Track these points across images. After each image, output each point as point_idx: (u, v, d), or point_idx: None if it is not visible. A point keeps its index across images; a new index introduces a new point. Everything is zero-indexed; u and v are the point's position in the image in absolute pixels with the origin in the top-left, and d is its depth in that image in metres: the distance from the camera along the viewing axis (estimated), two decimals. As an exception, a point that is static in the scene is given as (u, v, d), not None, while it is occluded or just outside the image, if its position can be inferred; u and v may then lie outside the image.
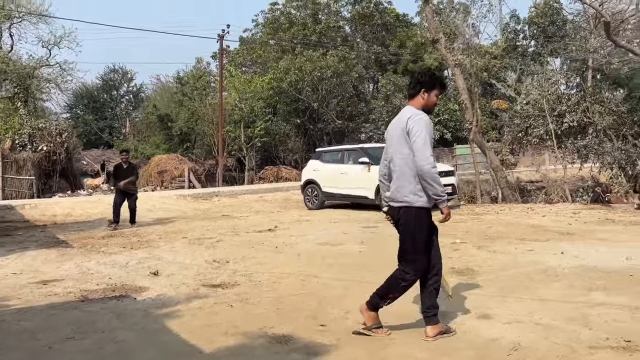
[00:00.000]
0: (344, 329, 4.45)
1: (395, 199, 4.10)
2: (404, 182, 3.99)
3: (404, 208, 4.04)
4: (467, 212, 12.80)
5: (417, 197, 3.97)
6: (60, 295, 6.11)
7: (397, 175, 4.05)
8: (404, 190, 4.00)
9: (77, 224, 13.45)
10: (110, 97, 48.25)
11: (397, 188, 4.06)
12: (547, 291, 5.33)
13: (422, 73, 4.19)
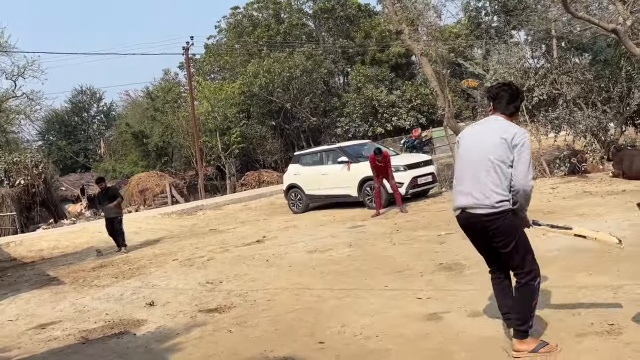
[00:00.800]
0: (343, 344, 4.59)
1: (484, 204, 3.71)
2: (486, 190, 3.69)
3: (491, 215, 3.69)
4: (449, 199, 13.00)
5: (508, 203, 3.71)
6: (60, 339, 6.16)
7: (481, 181, 3.71)
8: (497, 196, 3.67)
9: (65, 257, 13.40)
10: (82, 119, 47.70)
11: (480, 196, 3.71)
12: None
13: (522, 92, 3.98)
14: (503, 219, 3.67)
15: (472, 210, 3.74)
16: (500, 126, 3.75)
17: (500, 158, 3.65)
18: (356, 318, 5.21)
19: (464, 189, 3.82)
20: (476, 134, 3.90)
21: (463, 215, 3.85)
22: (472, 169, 3.78)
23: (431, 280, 6.15)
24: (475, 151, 3.79)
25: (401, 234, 9.36)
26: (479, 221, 3.74)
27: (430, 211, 11.47)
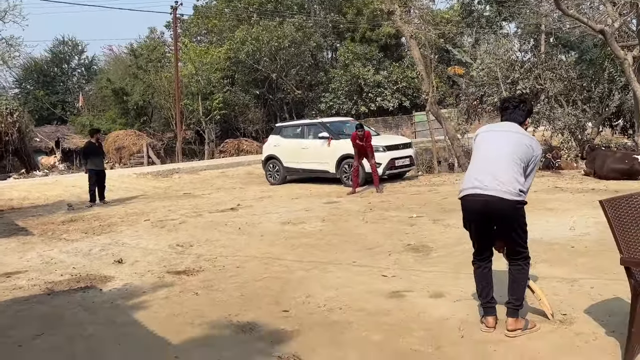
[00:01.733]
0: (306, 313, 4.69)
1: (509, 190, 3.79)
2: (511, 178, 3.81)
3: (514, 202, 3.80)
4: (424, 183, 13.19)
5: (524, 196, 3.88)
6: (25, 288, 6.16)
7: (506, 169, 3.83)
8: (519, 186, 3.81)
9: (35, 209, 13.27)
10: (62, 71, 46.45)
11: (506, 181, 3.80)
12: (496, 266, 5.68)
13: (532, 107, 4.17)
14: (521, 208, 3.86)
15: (496, 193, 3.78)
16: (525, 133, 4.01)
17: (523, 158, 3.88)
18: (322, 290, 5.32)
19: (489, 172, 3.87)
20: (502, 130, 4.07)
21: (480, 198, 3.87)
22: (498, 157, 3.90)
23: (398, 259, 6.28)
24: (502, 144, 3.95)
25: (374, 213, 9.49)
26: (499, 206, 3.80)
27: (405, 193, 11.62)
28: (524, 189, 3.86)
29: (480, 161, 4.02)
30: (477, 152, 4.11)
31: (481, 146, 4.09)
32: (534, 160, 3.94)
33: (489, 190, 3.82)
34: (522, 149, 3.91)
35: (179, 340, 4.28)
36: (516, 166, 3.86)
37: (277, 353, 3.89)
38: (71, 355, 4.16)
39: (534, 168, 3.97)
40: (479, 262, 4.15)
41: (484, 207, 3.88)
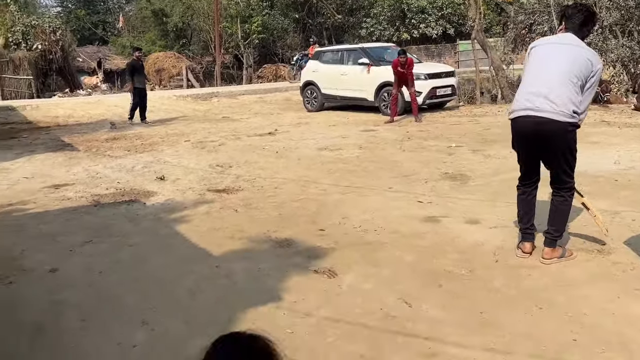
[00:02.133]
0: (342, 233, 4.79)
1: (562, 111, 3.63)
2: (565, 98, 3.64)
3: (567, 124, 3.65)
4: (465, 114, 12.92)
5: (578, 117, 3.70)
6: (73, 199, 6.44)
7: (560, 89, 3.65)
8: (573, 107, 3.64)
9: (79, 126, 13.61)
10: (102, -11, 46.19)
11: (560, 102, 3.63)
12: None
13: (596, 17, 3.87)
14: (573, 131, 3.71)
15: (548, 115, 3.64)
16: (584, 47, 3.75)
17: (581, 75, 3.65)
18: (357, 213, 5.40)
19: (541, 92, 3.69)
20: (559, 45, 3.81)
21: (530, 120, 3.72)
22: (551, 76, 3.70)
23: (434, 186, 6.28)
24: (558, 60, 3.73)
25: (412, 141, 9.41)
26: (551, 128, 3.65)
27: (444, 123, 11.43)
28: (578, 111, 3.67)
29: (533, 79, 3.81)
30: (530, 68, 3.89)
31: (535, 61, 3.86)
32: (594, 76, 3.67)
33: (541, 112, 3.67)
34: (580, 65, 3.64)
35: (220, 252, 4.46)
36: (572, 85, 3.64)
37: (313, 267, 4.02)
38: (118, 261, 4.39)
39: (593, 86, 3.71)
40: (524, 187, 4.06)
41: (535, 129, 3.73)
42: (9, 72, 21.16)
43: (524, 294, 3.45)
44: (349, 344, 2.96)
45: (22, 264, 4.39)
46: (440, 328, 3.08)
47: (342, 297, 3.54)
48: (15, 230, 5.28)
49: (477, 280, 3.69)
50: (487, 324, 3.11)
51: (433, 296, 3.48)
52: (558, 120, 3.64)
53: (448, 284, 3.65)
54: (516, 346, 2.87)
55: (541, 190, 4.19)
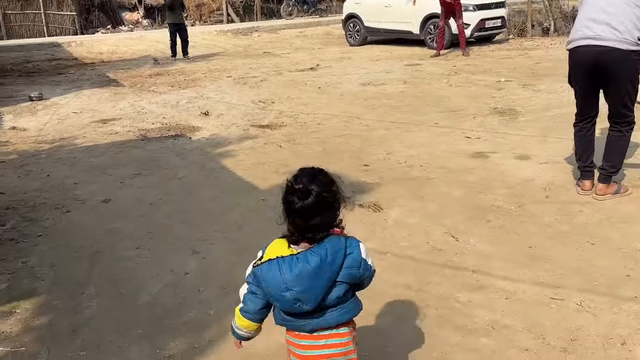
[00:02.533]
0: (386, 169, 4.76)
1: (624, 39, 3.44)
2: (629, 25, 3.44)
3: (630, 52, 3.46)
4: (515, 47, 12.38)
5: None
6: (121, 134, 6.57)
7: (623, 14, 3.46)
8: (638, 33, 3.43)
9: (123, 62, 13.72)
10: None
11: (623, 29, 3.44)
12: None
13: None
14: (637, 60, 3.51)
15: (609, 43, 3.44)
16: None
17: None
18: (402, 149, 5.33)
19: (602, 18, 3.49)
20: None
21: (591, 49, 3.54)
22: (611, 3, 3.49)
23: (483, 122, 6.11)
24: None
25: (459, 76, 9.11)
26: (613, 57, 3.47)
27: (493, 57, 10.99)
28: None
29: (593, 5, 3.58)
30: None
31: None
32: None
33: (603, 40, 3.47)
34: None
35: (265, 186, 4.50)
36: (637, 9, 3.42)
37: (358, 201, 4.03)
38: (167, 193, 4.50)
39: None
40: (582, 123, 3.89)
41: (595, 59, 3.53)
42: (52, 8, 21.31)
43: (576, 230, 3.38)
44: (396, 276, 2.98)
45: (76, 195, 4.55)
46: (488, 262, 3.07)
47: (388, 230, 3.55)
48: (68, 164, 5.45)
49: (527, 215, 3.62)
50: (537, 258, 3.07)
51: (481, 231, 3.45)
52: (621, 48, 3.43)
53: (496, 219, 3.60)
54: (566, 280, 2.83)
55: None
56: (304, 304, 1.65)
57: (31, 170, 5.27)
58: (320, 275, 1.64)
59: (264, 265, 1.70)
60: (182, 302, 2.85)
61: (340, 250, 1.67)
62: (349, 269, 1.67)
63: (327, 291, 1.66)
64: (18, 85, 10.65)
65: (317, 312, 1.68)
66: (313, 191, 1.63)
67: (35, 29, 21.17)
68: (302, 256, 1.65)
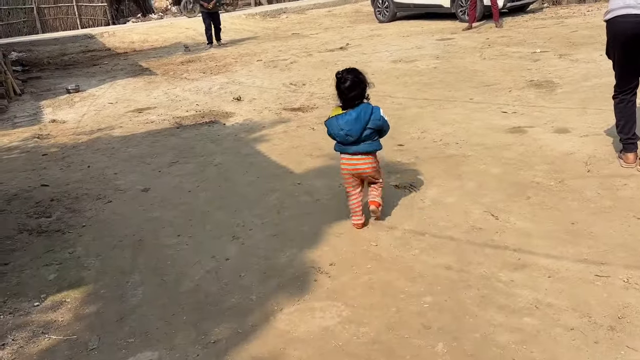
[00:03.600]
0: (421, 147, 4.71)
1: None
2: None
3: None
4: (550, 16, 11.99)
5: None
6: (156, 122, 6.67)
7: None
8: None
9: (154, 50, 13.88)
10: None
11: None
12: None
13: None
14: None
15: None
16: None
17: None
18: (437, 126, 5.26)
19: None
20: None
21: (632, 19, 3.44)
22: None
23: (519, 95, 5.97)
24: None
25: (493, 49, 8.90)
26: None
27: (528, 27, 10.68)
28: None
29: None
30: None
31: None
32: None
33: None
34: None
35: (300, 170, 4.52)
36: None
37: (394, 182, 4.00)
38: (204, 180, 4.57)
39: None
40: (622, 94, 3.77)
41: (636, 29, 3.42)
42: (84, 0, 21.63)
43: (620, 204, 3.28)
44: (436, 256, 2.96)
45: (117, 185, 4.66)
46: (530, 240, 3.02)
47: (426, 210, 3.52)
48: (107, 154, 5.57)
49: (568, 191, 3.54)
50: (580, 234, 3.00)
51: (521, 208, 3.39)
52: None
53: (536, 195, 3.53)
54: (611, 257, 2.76)
55: None
56: (351, 137, 3.21)
57: (72, 162, 5.42)
58: (357, 122, 3.19)
59: (328, 120, 3.31)
60: (224, 287, 2.90)
61: (368, 111, 3.21)
62: (374, 120, 3.21)
63: (362, 131, 3.20)
64: (55, 78, 10.91)
65: (357, 142, 3.24)
66: (349, 78, 3.18)
67: (69, 22, 21.55)
68: (348, 113, 3.21)
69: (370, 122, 3.19)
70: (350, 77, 3.17)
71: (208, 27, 13.06)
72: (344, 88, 3.17)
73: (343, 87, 3.17)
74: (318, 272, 2.94)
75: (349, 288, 2.77)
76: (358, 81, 3.19)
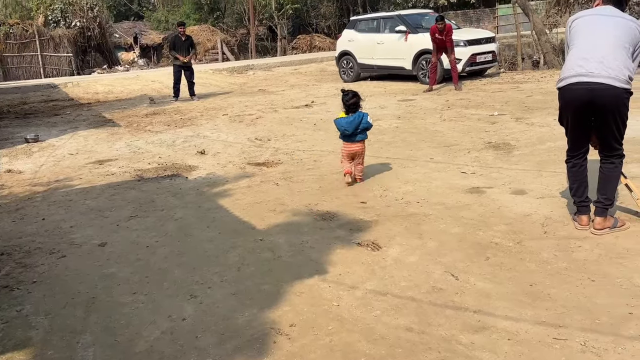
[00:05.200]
0: (384, 205, 4.75)
1: (617, 77, 3.52)
2: (620, 64, 3.54)
3: (623, 90, 3.55)
4: (506, 81, 12.56)
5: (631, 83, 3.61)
6: (117, 174, 6.57)
7: (614, 54, 3.56)
8: (628, 73, 3.55)
9: (119, 102, 13.84)
10: (135, -35, 46.46)
11: (615, 67, 3.53)
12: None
13: None
14: (627, 98, 3.60)
15: (603, 80, 3.51)
16: (628, 16, 3.69)
17: (630, 43, 3.59)
18: (399, 184, 5.34)
19: (595, 56, 3.57)
20: (603, 15, 3.74)
21: (584, 86, 3.59)
22: (605, 41, 3.60)
23: (477, 157, 6.14)
24: (608, 26, 3.65)
25: (452, 110, 9.21)
26: (606, 94, 3.52)
27: (486, 91, 11.14)
28: (632, 76, 3.57)
29: (585, 46, 3.68)
30: (579, 37, 3.75)
31: (583, 30, 3.74)
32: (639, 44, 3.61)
33: (597, 77, 3.53)
34: (629, 32, 3.58)
35: (263, 226, 4.48)
36: (625, 51, 3.55)
37: (357, 240, 4.00)
38: (163, 235, 4.47)
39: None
40: (574, 159, 3.91)
41: (589, 96, 3.58)
42: (49, 50, 21.58)
43: (576, 266, 3.35)
44: (397, 317, 2.94)
45: (72, 239, 4.51)
46: (489, 301, 3.03)
47: (388, 270, 3.52)
48: (64, 207, 5.42)
49: (526, 252, 3.61)
50: (538, 296, 3.04)
51: (481, 268, 3.42)
52: (614, 86, 3.50)
53: (495, 256, 3.58)
54: (569, 319, 2.79)
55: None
56: (347, 132, 5.31)
57: (26, 214, 5.25)
58: (353, 123, 5.29)
59: (337, 119, 5.43)
60: (179, 349, 2.80)
61: (360, 117, 5.32)
62: (363, 123, 5.31)
63: (355, 129, 5.30)
64: (14, 127, 10.71)
65: (353, 135, 5.31)
66: (350, 94, 5.38)
67: (32, 71, 21.39)
68: (348, 117, 5.33)
69: (361, 124, 5.34)
70: (351, 94, 5.39)
71: (177, 80, 13.06)
72: (347, 101, 5.36)
73: (346, 100, 5.37)
74: (278, 334, 2.87)
75: (309, 351, 2.71)
76: (356, 99, 5.37)
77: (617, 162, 3.80)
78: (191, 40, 13.27)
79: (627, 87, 3.53)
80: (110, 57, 24.33)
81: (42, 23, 22.93)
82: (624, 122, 3.69)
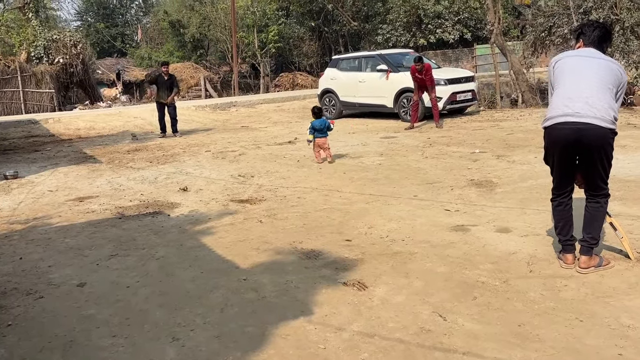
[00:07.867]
0: (369, 243, 4.72)
1: (604, 117, 3.58)
2: (605, 104, 3.61)
3: (608, 130, 3.60)
4: (486, 119, 12.78)
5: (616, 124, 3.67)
6: (98, 212, 6.46)
7: (600, 95, 3.62)
8: (613, 113, 3.61)
9: (101, 138, 13.75)
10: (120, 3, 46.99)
11: (600, 107, 3.59)
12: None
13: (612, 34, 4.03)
14: (612, 137, 3.66)
15: (589, 120, 3.56)
16: (609, 59, 3.80)
17: (613, 84, 3.68)
18: (383, 222, 5.32)
19: (580, 97, 3.63)
20: (586, 57, 3.82)
21: (570, 126, 3.64)
22: (590, 82, 3.67)
23: (461, 194, 6.18)
24: (592, 68, 3.73)
25: (434, 148, 9.31)
26: (593, 134, 3.57)
27: (466, 129, 11.30)
28: (617, 117, 3.64)
29: (570, 86, 3.74)
30: (564, 77, 3.82)
31: (568, 71, 3.81)
32: (623, 86, 3.72)
33: (583, 117, 3.59)
34: (612, 74, 3.68)
35: (246, 265, 4.41)
36: (609, 92, 3.64)
37: (342, 279, 3.95)
38: (144, 275, 4.37)
39: (622, 95, 3.75)
40: (559, 197, 3.94)
41: (576, 136, 3.63)
42: (31, 86, 21.48)
43: (563, 306, 3.34)
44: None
45: (50, 279, 4.39)
46: (478, 342, 2.99)
47: (374, 310, 3.46)
48: (42, 245, 5.29)
49: (513, 291, 3.59)
50: (526, 337, 3.01)
51: (468, 309, 3.38)
52: (601, 126, 3.57)
53: (482, 295, 3.55)
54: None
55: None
56: (319, 129, 8.74)
57: (2, 253, 5.10)
58: (322, 125, 8.80)
59: (312, 122, 8.86)
60: (160, 396, 2.69)
61: (325, 121, 8.94)
62: (327, 125, 8.86)
63: (324, 127, 8.79)
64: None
65: (323, 132, 8.75)
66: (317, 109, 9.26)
67: (13, 107, 21.23)
68: (317, 120, 8.88)
69: (327, 126, 8.78)
70: (317, 108, 9.16)
71: (162, 116, 13.15)
72: (316, 112, 9.06)
73: (316, 111, 9.09)
74: (263, 378, 2.78)
75: (295, 396, 2.63)
76: (320, 110, 9.10)
77: (603, 201, 3.84)
78: (173, 79, 13.33)
79: (612, 127, 3.60)
80: (92, 93, 24.30)
81: (25, 59, 22.90)
82: (610, 162, 3.75)
